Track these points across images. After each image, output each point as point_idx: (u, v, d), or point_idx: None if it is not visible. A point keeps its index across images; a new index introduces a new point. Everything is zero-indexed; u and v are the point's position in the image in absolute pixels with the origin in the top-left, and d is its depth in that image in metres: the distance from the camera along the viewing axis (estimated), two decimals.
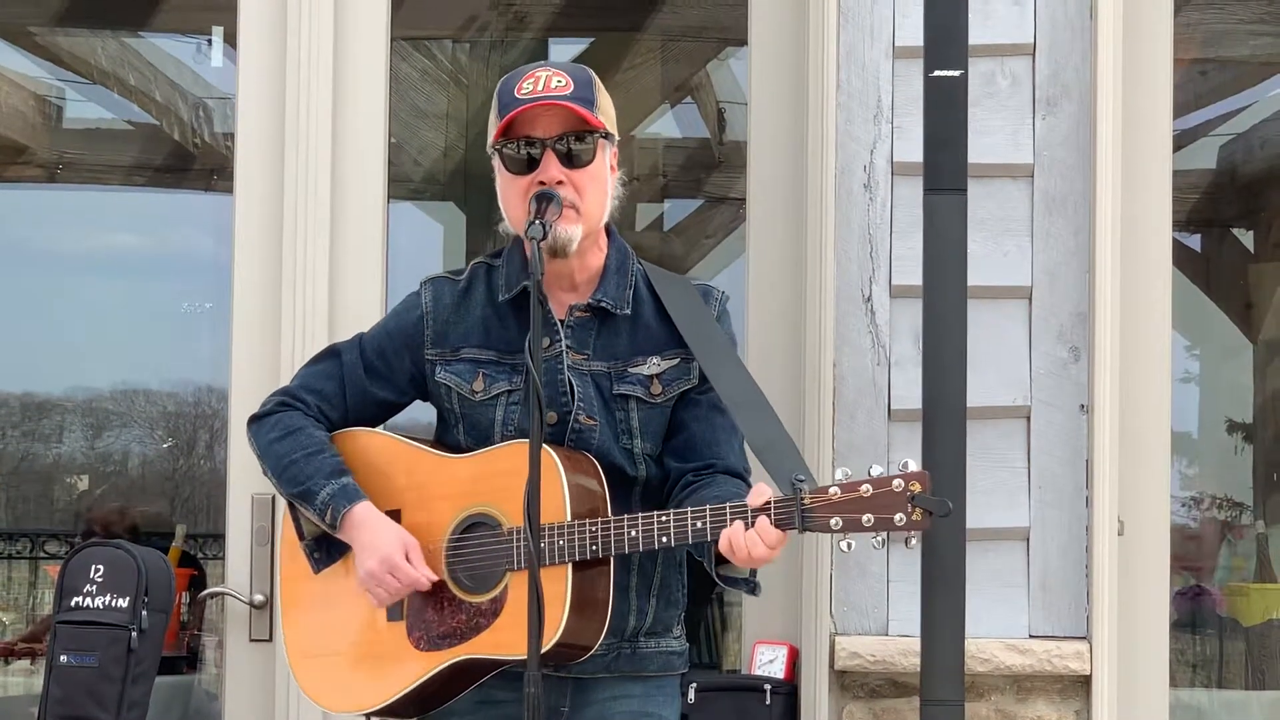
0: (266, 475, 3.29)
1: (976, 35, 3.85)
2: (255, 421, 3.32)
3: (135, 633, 4.14)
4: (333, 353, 3.35)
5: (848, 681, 4.16)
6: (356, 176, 4.42)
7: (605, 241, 3.24)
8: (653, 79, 6.89)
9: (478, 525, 3.15)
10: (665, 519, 3.02)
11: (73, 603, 4.17)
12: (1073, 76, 4.21)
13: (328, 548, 3.25)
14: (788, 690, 4.21)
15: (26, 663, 6.96)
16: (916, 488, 2.92)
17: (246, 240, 4.43)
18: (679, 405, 3.22)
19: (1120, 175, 4.20)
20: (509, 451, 3.12)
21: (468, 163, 7.08)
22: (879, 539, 2.96)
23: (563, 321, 3.20)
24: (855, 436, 4.16)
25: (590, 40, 7.02)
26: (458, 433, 3.25)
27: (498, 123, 3.15)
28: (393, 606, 3.19)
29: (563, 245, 3.12)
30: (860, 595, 4.16)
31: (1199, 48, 6.25)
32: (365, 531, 3.16)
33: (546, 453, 3.00)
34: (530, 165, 3.14)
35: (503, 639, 3.07)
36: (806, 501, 2.95)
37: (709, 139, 7.24)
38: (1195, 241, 7.29)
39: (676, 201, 7.65)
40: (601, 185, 3.18)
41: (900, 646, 4.10)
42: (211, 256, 6.78)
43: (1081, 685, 4.13)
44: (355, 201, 4.42)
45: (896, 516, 2.92)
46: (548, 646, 2.95)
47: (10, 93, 7.28)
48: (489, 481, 3.14)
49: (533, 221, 3.05)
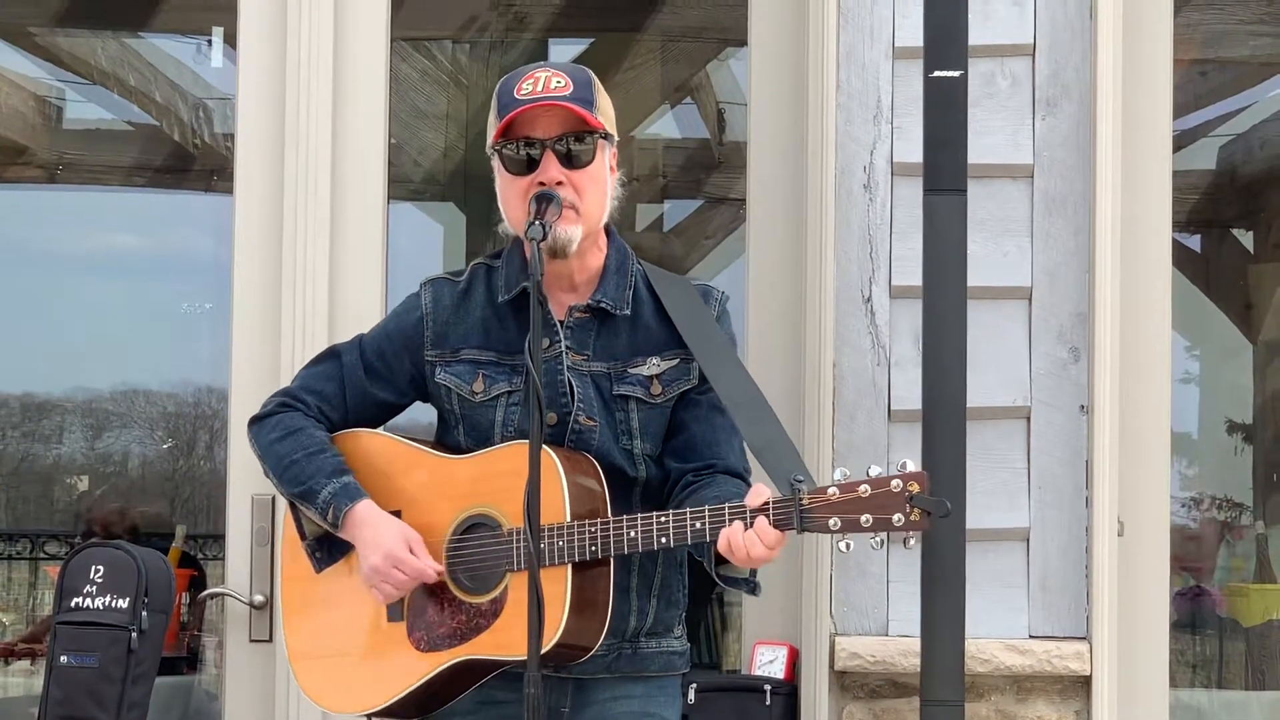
0: (268, 476, 3.29)
1: (976, 36, 3.85)
2: (256, 422, 3.32)
3: (135, 633, 4.13)
4: (333, 354, 3.35)
5: (848, 682, 4.16)
6: (356, 177, 4.42)
7: (605, 242, 3.24)
8: (652, 79, 6.89)
9: (478, 526, 3.15)
10: (664, 520, 3.02)
11: (73, 603, 4.17)
12: (1073, 77, 4.21)
13: (329, 547, 3.25)
14: (788, 691, 4.20)
15: (26, 663, 6.96)
16: (915, 488, 2.92)
17: (246, 241, 4.43)
18: (679, 405, 3.22)
19: (1120, 176, 4.20)
20: (509, 452, 3.12)
21: (468, 163, 7.07)
22: (878, 539, 2.96)
23: (562, 322, 3.20)
24: (855, 437, 4.16)
25: (590, 41, 7.02)
26: (458, 434, 3.25)
27: (497, 123, 3.14)
28: (393, 607, 3.19)
29: (562, 246, 3.12)
30: (860, 596, 4.16)
31: (1199, 48, 6.25)
32: (367, 529, 3.16)
33: (546, 453, 3.00)
34: (530, 166, 3.14)
35: (503, 639, 3.07)
36: (805, 502, 2.95)
37: (709, 139, 7.24)
38: (1195, 242, 7.28)
39: (676, 202, 7.65)
40: (601, 186, 3.18)
41: (900, 647, 4.09)
42: (211, 257, 6.78)
43: (1081, 686, 4.13)
44: (355, 202, 4.41)
45: (895, 517, 2.92)
46: (548, 647, 2.95)
47: (10, 93, 7.28)
48: (489, 482, 3.14)
49: (532, 222, 3.05)
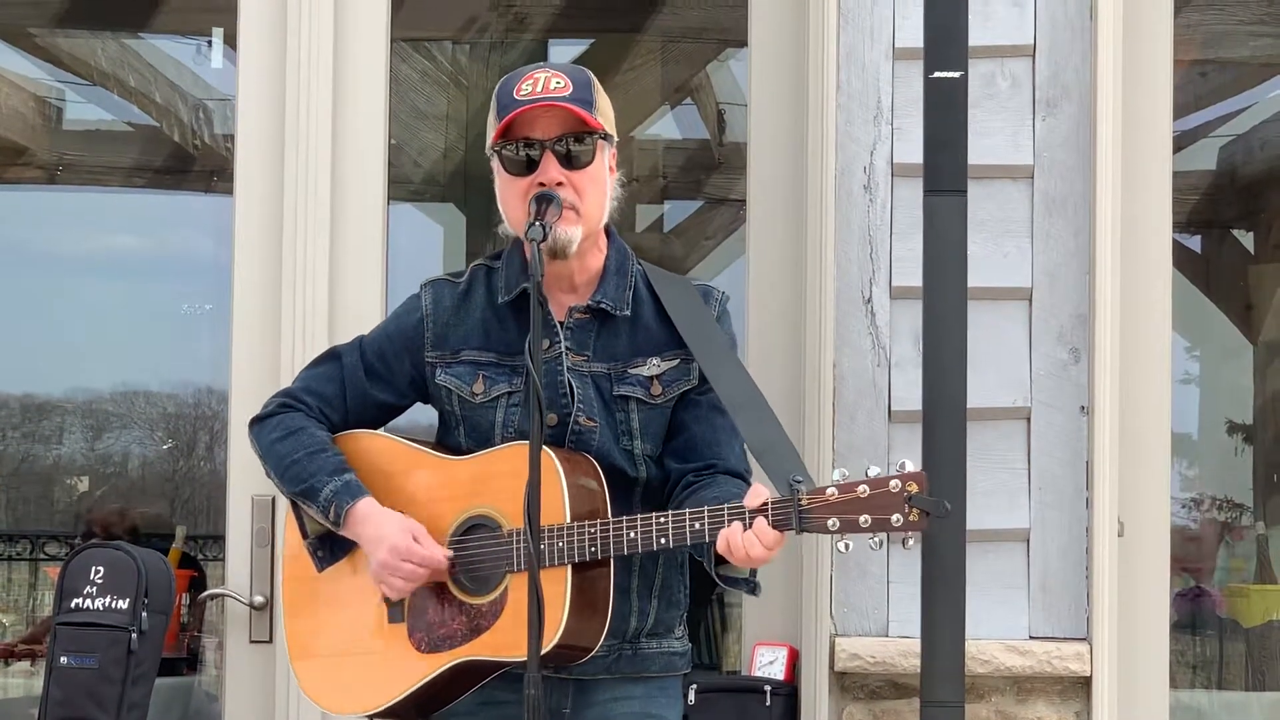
0: (269, 476, 3.29)
1: (976, 36, 3.84)
2: (257, 423, 3.32)
3: (135, 634, 4.13)
4: (333, 355, 3.35)
5: (848, 683, 4.16)
6: (356, 178, 4.42)
7: (605, 243, 3.24)
8: (652, 80, 6.89)
9: (478, 527, 3.15)
10: (664, 520, 3.02)
11: (73, 604, 4.16)
12: (1073, 78, 4.21)
13: (331, 546, 3.25)
14: (788, 691, 4.20)
15: (26, 664, 6.96)
16: (913, 488, 2.92)
17: (246, 241, 4.43)
18: (679, 406, 3.22)
19: (1120, 176, 4.20)
20: (509, 453, 3.12)
21: (467, 164, 7.07)
22: (877, 540, 2.96)
23: (562, 323, 3.19)
24: (855, 438, 4.16)
25: (590, 41, 7.02)
26: (458, 435, 3.25)
27: (496, 124, 3.14)
28: (394, 608, 3.19)
29: (562, 246, 3.12)
30: (860, 596, 4.16)
31: (1199, 49, 6.25)
32: (369, 525, 3.16)
33: (546, 454, 3.00)
34: (529, 167, 3.14)
35: (503, 640, 3.07)
36: (804, 502, 2.95)
37: (709, 140, 7.24)
38: (1195, 243, 7.28)
39: (676, 203, 7.65)
40: (601, 186, 3.18)
41: (900, 648, 4.09)
42: (211, 258, 6.78)
43: (1081, 686, 4.13)
44: (355, 203, 4.41)
45: (893, 517, 2.92)
46: (547, 648, 2.95)
47: (10, 94, 7.27)
48: (489, 483, 3.14)
49: (532, 223, 3.05)
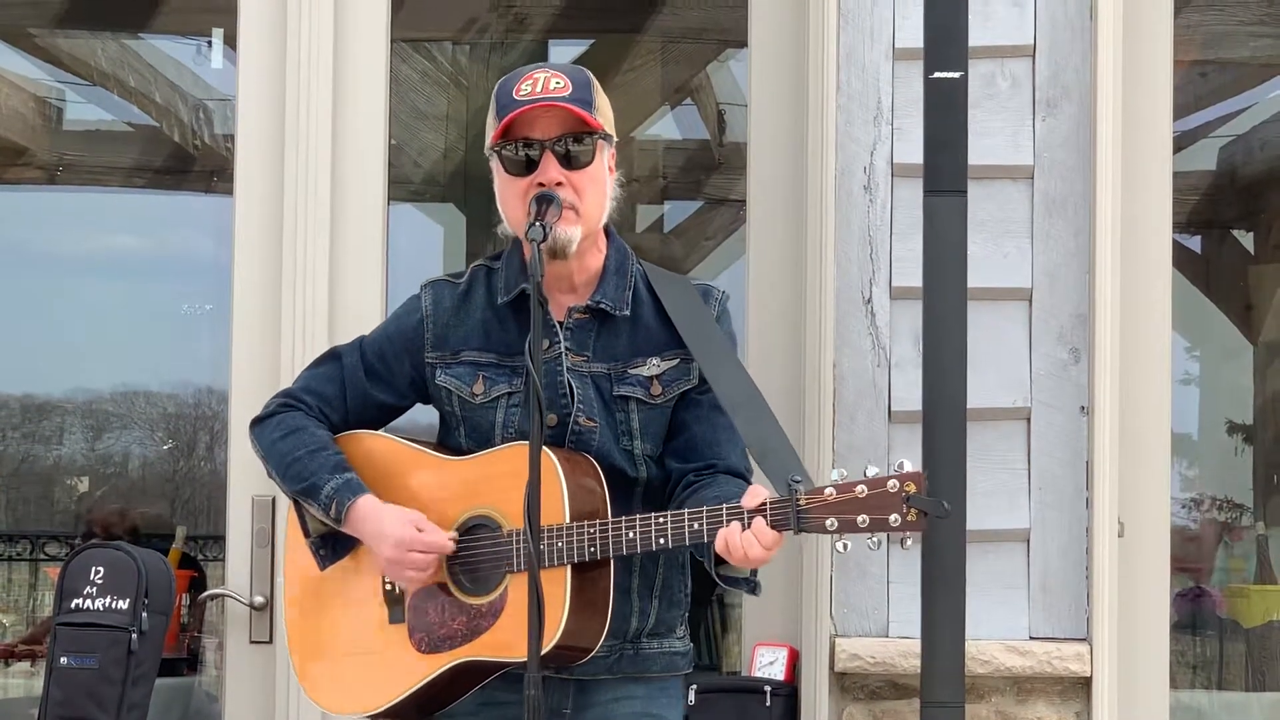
0: (271, 476, 3.29)
1: (976, 37, 3.84)
2: (258, 423, 3.32)
3: (135, 634, 4.13)
4: (333, 356, 3.35)
5: (848, 683, 4.16)
6: (356, 178, 4.42)
7: (604, 243, 3.23)
8: (653, 81, 6.89)
9: (478, 527, 3.15)
10: (663, 521, 3.02)
11: (73, 604, 4.16)
12: (1073, 78, 4.21)
13: (334, 544, 3.26)
14: (788, 692, 4.20)
15: (27, 665, 6.96)
16: (911, 488, 2.91)
17: (246, 242, 4.43)
18: (679, 406, 3.22)
19: (1120, 177, 4.20)
20: (509, 454, 3.12)
21: (467, 164, 7.07)
22: (875, 540, 2.95)
23: (561, 323, 3.19)
24: (855, 438, 4.16)
25: (590, 42, 7.02)
26: (459, 435, 3.25)
27: (496, 124, 3.14)
28: (394, 608, 3.19)
29: (562, 246, 3.11)
30: (860, 597, 4.16)
31: (1199, 49, 6.25)
32: (370, 522, 3.16)
33: (546, 455, 3.00)
34: (529, 167, 3.14)
35: (503, 641, 3.08)
36: (802, 503, 2.95)
37: (709, 141, 7.24)
38: (1195, 243, 7.29)
39: (676, 203, 7.65)
40: (600, 186, 3.18)
41: (900, 648, 4.09)
42: (211, 258, 6.78)
43: (1082, 687, 4.13)
44: (355, 203, 4.41)
45: (892, 517, 2.92)
46: (547, 648, 2.95)
47: (10, 94, 7.28)
48: (489, 484, 3.14)
49: (532, 223, 3.05)
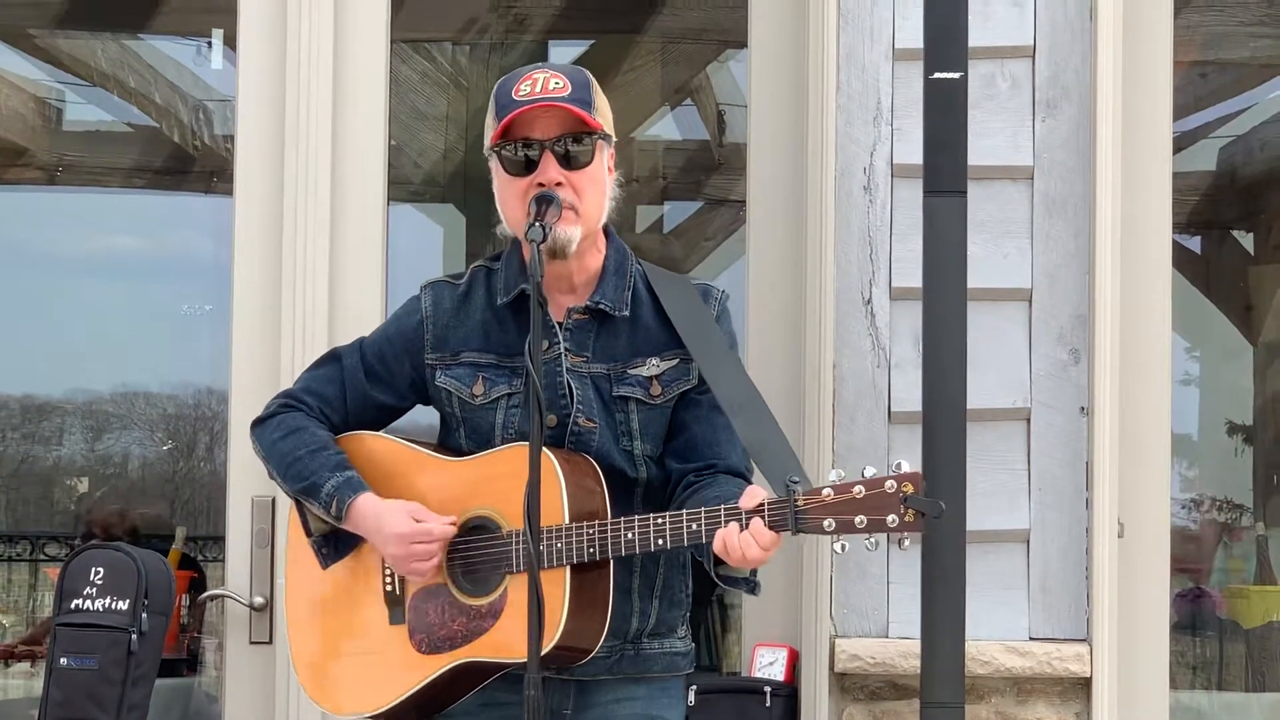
0: (272, 477, 3.29)
1: (976, 37, 3.84)
2: (258, 424, 3.32)
3: (135, 635, 4.13)
4: (334, 357, 3.35)
5: (848, 684, 4.16)
6: (356, 178, 4.42)
7: (604, 243, 3.23)
8: (652, 81, 6.89)
9: (478, 528, 3.15)
10: (661, 521, 3.02)
11: (72, 605, 4.16)
12: (1073, 78, 4.21)
13: (336, 543, 3.26)
14: (788, 692, 4.20)
15: (26, 665, 6.96)
16: (909, 489, 2.91)
17: (246, 242, 4.43)
18: (679, 406, 3.22)
19: (1120, 177, 4.19)
20: (508, 454, 3.12)
21: (467, 165, 7.07)
22: (873, 540, 2.95)
23: (561, 324, 3.19)
24: (855, 439, 4.15)
25: (590, 42, 7.02)
26: (459, 436, 3.25)
27: (495, 125, 3.14)
28: (395, 609, 3.19)
29: (562, 246, 3.11)
30: (860, 597, 4.16)
31: (1199, 50, 6.25)
32: (371, 519, 3.16)
33: (545, 456, 3.00)
34: (529, 167, 3.14)
35: (502, 641, 3.08)
36: (800, 503, 2.95)
37: (709, 141, 7.24)
38: (1195, 243, 7.29)
39: (676, 204, 7.65)
40: (600, 186, 3.18)
41: (900, 649, 4.09)
42: (211, 258, 6.78)
43: (1081, 687, 4.13)
44: (355, 203, 4.41)
45: (889, 518, 2.91)
46: (547, 649, 2.95)
47: (10, 95, 7.28)
48: (489, 484, 3.14)
49: (532, 224, 3.05)
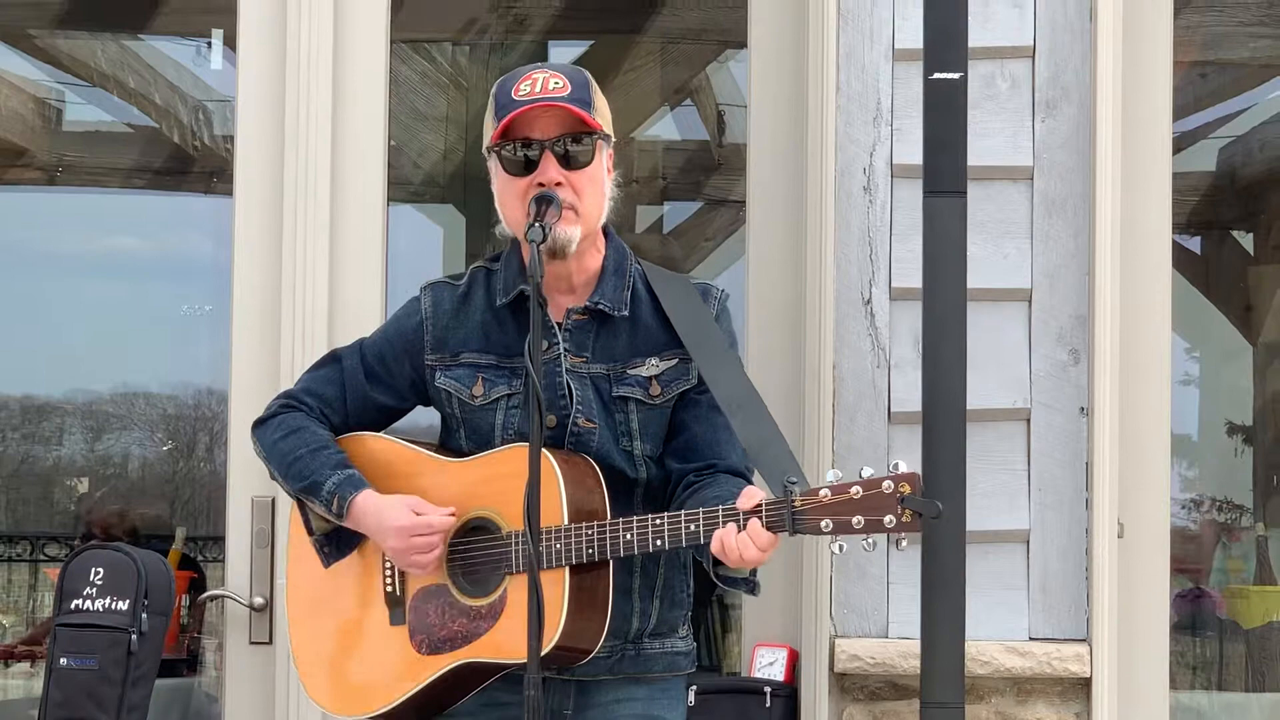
0: (274, 477, 3.29)
1: (976, 38, 3.84)
2: (259, 425, 3.32)
3: (135, 635, 4.13)
4: (334, 358, 3.35)
5: (847, 684, 4.16)
6: (356, 179, 4.42)
7: (603, 243, 3.23)
8: (652, 81, 6.89)
9: (478, 529, 3.15)
10: (659, 522, 3.02)
11: (72, 605, 4.17)
12: (1072, 79, 4.21)
13: (338, 542, 3.26)
14: (788, 693, 4.20)
15: (26, 665, 6.97)
16: (906, 489, 2.91)
17: (246, 242, 4.43)
18: (679, 406, 3.21)
19: (1120, 177, 4.19)
20: (508, 455, 3.12)
21: (467, 165, 7.07)
22: (870, 541, 2.94)
23: (560, 324, 3.19)
24: (855, 439, 4.16)
25: (590, 43, 7.02)
26: (459, 437, 3.25)
27: (495, 124, 3.14)
28: (395, 610, 3.19)
29: (562, 246, 3.11)
30: (860, 598, 4.16)
31: (1199, 50, 6.25)
32: (371, 515, 3.16)
33: (544, 456, 3.00)
34: (528, 167, 3.14)
35: (502, 642, 3.08)
36: (797, 504, 2.94)
37: (708, 141, 7.24)
38: (1195, 244, 7.29)
39: (676, 204, 7.66)
40: (599, 186, 3.18)
41: (900, 649, 4.09)
42: (211, 259, 6.78)
43: (1081, 688, 4.13)
44: (355, 204, 4.41)
45: (886, 518, 2.91)
46: (546, 649, 2.95)
47: (10, 95, 7.28)
48: (488, 485, 3.14)
49: (532, 224, 3.05)
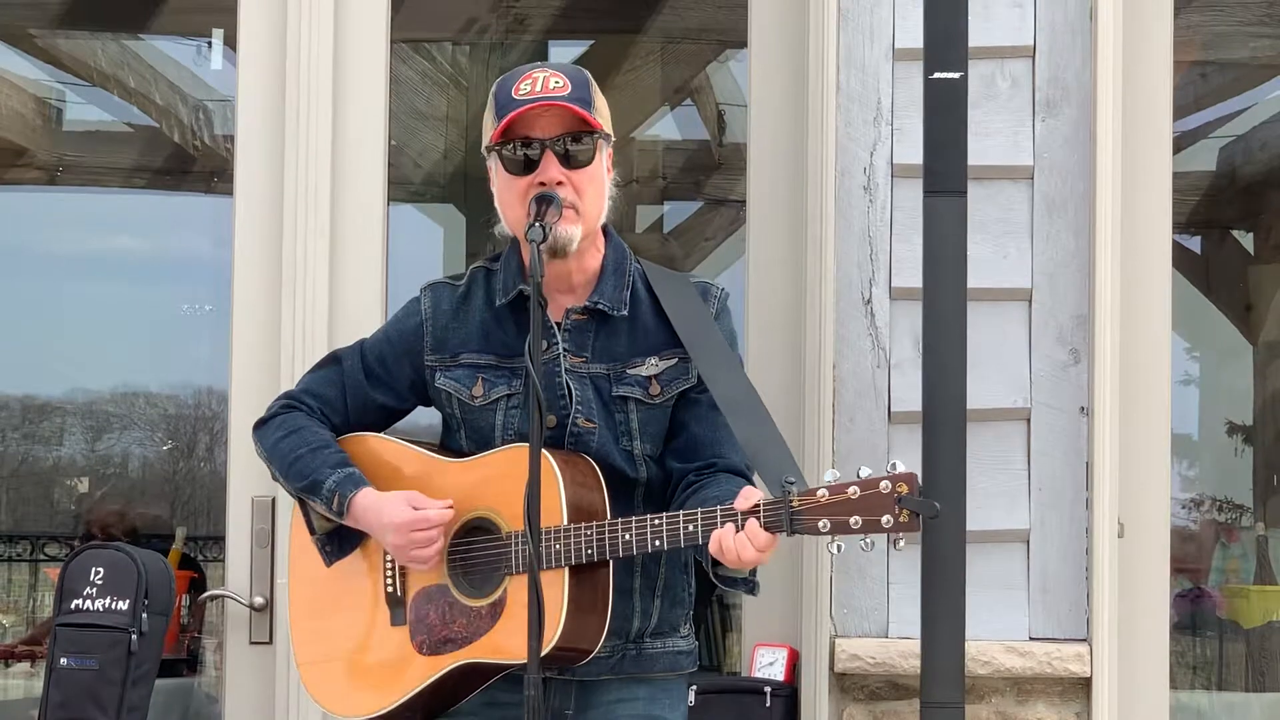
0: (275, 477, 3.29)
1: (976, 37, 3.84)
2: (260, 426, 3.32)
3: (135, 635, 4.13)
4: (334, 359, 3.35)
5: (848, 684, 4.16)
6: (356, 179, 4.42)
7: (602, 242, 3.23)
8: (652, 81, 6.89)
9: (478, 529, 3.15)
10: (658, 522, 3.02)
11: (72, 605, 4.16)
12: (1073, 79, 4.21)
13: (339, 541, 3.26)
14: (788, 693, 4.20)
15: (26, 665, 6.97)
16: (904, 489, 2.91)
17: (246, 243, 4.43)
18: (679, 406, 3.21)
19: (1120, 177, 4.19)
20: (508, 455, 3.12)
21: (468, 165, 7.07)
22: (868, 541, 2.94)
23: (560, 324, 3.19)
24: (855, 439, 4.15)
25: (590, 42, 7.02)
26: (459, 437, 3.25)
27: (495, 124, 3.14)
28: (396, 610, 3.19)
29: (562, 246, 3.11)
30: (860, 597, 4.16)
31: (1199, 50, 6.25)
32: (372, 514, 3.17)
33: (544, 457, 2.99)
34: (529, 166, 3.13)
35: (503, 642, 3.08)
36: (795, 504, 2.94)
37: (709, 141, 7.24)
38: (1195, 243, 7.29)
39: (676, 204, 7.65)
40: (599, 186, 3.18)
41: (900, 649, 4.09)
42: (211, 259, 6.78)
43: (1081, 687, 4.13)
44: (355, 204, 4.41)
45: (884, 518, 2.91)
46: (546, 650, 2.95)
47: (10, 95, 7.28)
48: (488, 486, 3.14)
49: (532, 224, 3.05)
